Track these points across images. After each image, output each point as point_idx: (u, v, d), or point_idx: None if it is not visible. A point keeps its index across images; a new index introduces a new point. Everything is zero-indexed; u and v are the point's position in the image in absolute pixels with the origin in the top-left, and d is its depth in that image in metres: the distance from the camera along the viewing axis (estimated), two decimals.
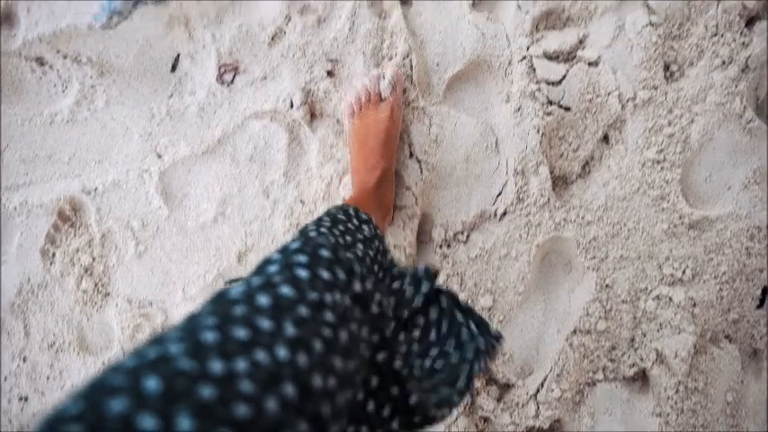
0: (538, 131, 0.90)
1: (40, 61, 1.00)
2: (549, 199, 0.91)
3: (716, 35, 0.89)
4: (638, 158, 0.91)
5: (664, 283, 0.91)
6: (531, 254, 0.91)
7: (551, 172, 0.92)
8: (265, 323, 0.37)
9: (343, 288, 0.46)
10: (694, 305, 0.91)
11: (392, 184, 0.91)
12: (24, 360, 0.98)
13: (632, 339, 0.92)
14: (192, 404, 0.30)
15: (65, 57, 0.98)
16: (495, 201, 0.92)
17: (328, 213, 0.64)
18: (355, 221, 0.65)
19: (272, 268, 0.45)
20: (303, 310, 0.40)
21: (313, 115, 0.96)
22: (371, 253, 0.59)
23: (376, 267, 0.58)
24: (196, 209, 0.97)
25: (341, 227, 0.61)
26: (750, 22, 0.91)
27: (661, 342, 0.91)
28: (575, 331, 0.91)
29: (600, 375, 0.92)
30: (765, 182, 0.90)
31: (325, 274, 0.46)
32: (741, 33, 0.89)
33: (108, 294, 0.98)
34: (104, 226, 0.98)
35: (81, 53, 0.98)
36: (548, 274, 0.95)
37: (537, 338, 0.93)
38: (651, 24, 0.89)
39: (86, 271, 0.98)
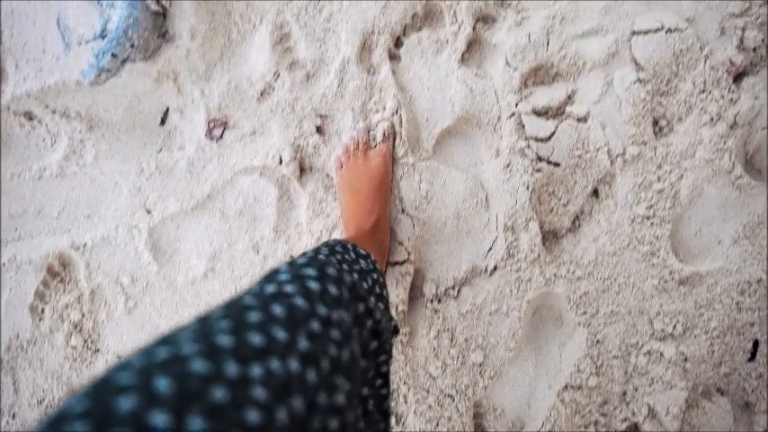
0: (527, 188, 0.90)
1: (29, 116, 1.00)
2: (539, 254, 0.91)
3: (704, 92, 0.90)
4: (627, 214, 0.91)
5: (655, 339, 0.91)
6: (522, 309, 0.91)
7: (541, 227, 0.92)
8: (280, 333, 0.38)
9: (347, 306, 0.48)
10: (685, 360, 0.91)
11: (388, 230, 0.91)
12: (14, 417, 0.97)
13: (624, 394, 0.92)
14: (204, 405, 0.29)
15: (53, 111, 0.98)
16: (486, 256, 0.92)
17: (326, 244, 0.64)
18: (352, 254, 0.64)
19: (283, 277, 0.46)
20: (315, 325, 0.41)
21: (302, 170, 0.95)
22: (366, 285, 0.58)
23: (373, 299, 0.58)
24: (186, 264, 0.97)
25: (338, 256, 0.60)
26: (738, 77, 0.91)
27: (653, 397, 0.91)
28: (566, 387, 0.90)
29: (592, 430, 0.92)
30: (755, 236, 0.90)
31: (333, 290, 0.47)
32: (729, 90, 0.89)
33: (98, 350, 0.98)
34: (94, 282, 0.97)
35: (70, 108, 0.98)
36: (539, 328, 0.95)
37: (528, 394, 0.93)
38: (639, 81, 0.89)
39: (76, 327, 0.97)
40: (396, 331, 0.65)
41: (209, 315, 0.38)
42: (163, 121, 0.99)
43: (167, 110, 0.99)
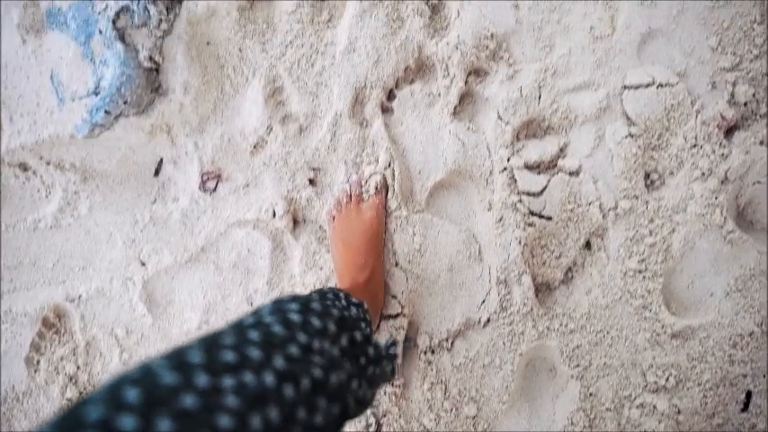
0: (519, 243, 0.90)
1: (24, 167, 1.00)
2: (532, 308, 0.91)
3: (695, 146, 0.90)
4: (619, 267, 0.91)
5: (648, 391, 0.91)
6: (515, 363, 0.91)
7: (534, 279, 0.93)
8: (255, 352, 0.39)
9: (332, 339, 0.49)
10: (678, 412, 0.91)
11: (382, 284, 0.91)
12: None
13: None
14: (173, 410, 0.31)
15: (48, 163, 0.99)
16: (479, 309, 0.93)
17: (318, 291, 0.65)
18: (344, 302, 0.64)
19: (264, 310, 0.47)
20: (293, 350, 0.42)
21: (296, 222, 0.96)
22: (359, 336, 0.59)
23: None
24: (180, 317, 0.97)
25: (329, 302, 0.60)
26: (729, 132, 0.91)
27: None
28: None
29: None
30: (747, 289, 0.91)
31: (316, 322, 0.48)
32: (720, 145, 0.89)
33: None
34: (89, 334, 0.98)
35: (64, 159, 0.98)
36: (532, 380, 0.95)
37: None
38: (631, 135, 0.90)
39: (71, 379, 0.97)
40: (392, 372, 0.65)
41: (184, 344, 0.39)
42: (157, 172, 0.99)
43: (161, 161, 0.99)
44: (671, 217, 0.91)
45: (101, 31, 0.90)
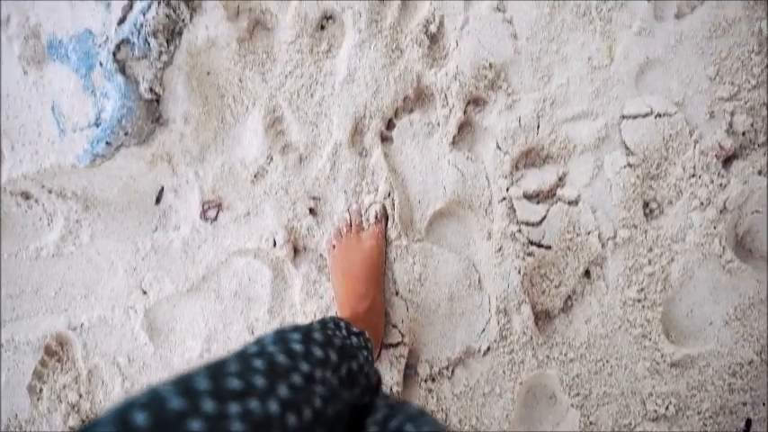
0: (519, 272, 0.90)
1: (26, 195, 1.01)
2: (531, 337, 0.91)
3: (694, 176, 0.90)
4: (619, 297, 0.91)
5: (647, 419, 0.92)
6: (515, 391, 0.92)
7: (533, 307, 0.93)
8: (259, 380, 0.39)
9: (334, 368, 0.50)
10: None
11: (382, 314, 0.92)
12: None
13: None
14: None
15: (50, 191, 0.99)
16: (479, 337, 0.93)
17: (319, 321, 0.65)
18: (344, 331, 0.65)
19: (267, 340, 0.48)
20: (297, 379, 0.43)
21: (296, 250, 0.96)
22: (355, 366, 0.59)
23: (362, 379, 0.60)
24: (182, 345, 0.98)
25: (330, 332, 0.61)
26: (727, 161, 0.91)
27: None
28: None
29: None
30: (746, 318, 0.91)
31: (318, 352, 0.49)
32: (718, 174, 0.90)
33: None
34: (91, 362, 0.98)
35: (66, 188, 0.99)
36: (532, 408, 0.95)
37: None
38: (629, 165, 0.90)
39: (73, 408, 0.98)
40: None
41: (190, 371, 0.40)
42: (158, 200, 1.00)
43: (162, 189, 1.00)
44: (670, 246, 0.91)
45: (101, 64, 0.90)
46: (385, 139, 0.96)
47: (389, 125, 0.96)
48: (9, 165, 0.98)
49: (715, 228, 0.89)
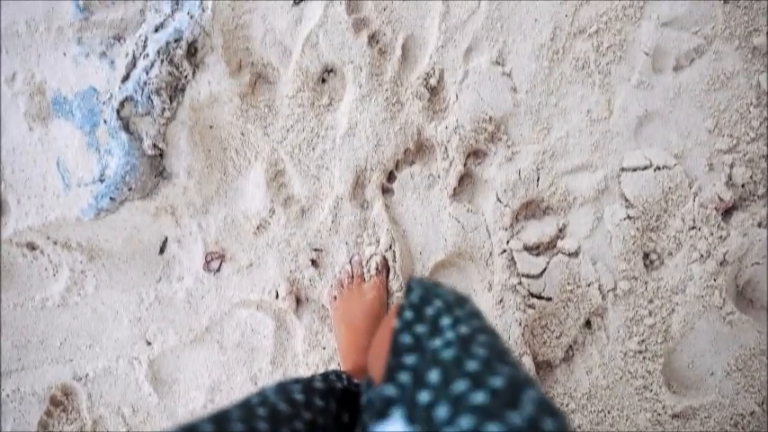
0: (520, 324, 0.91)
1: (31, 246, 1.02)
2: None
3: (693, 228, 0.91)
4: (620, 348, 0.92)
5: None
6: None
7: (534, 358, 0.93)
8: (262, 426, 0.41)
9: (335, 416, 0.51)
10: None
11: None
12: None
13: None
14: None
15: (55, 242, 1.00)
16: None
17: (321, 374, 0.66)
18: (346, 382, 0.65)
19: (269, 391, 0.49)
20: (299, 425, 0.44)
21: (299, 301, 0.97)
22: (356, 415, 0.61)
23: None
24: (185, 396, 0.98)
25: (330, 383, 0.62)
26: (727, 213, 0.92)
27: None
28: None
29: None
30: (747, 369, 0.91)
31: (319, 402, 0.50)
32: (718, 227, 0.90)
33: None
34: (96, 412, 0.99)
35: (71, 239, 1.00)
36: None
37: None
38: (629, 218, 0.91)
39: None
40: None
41: (194, 420, 0.41)
42: (162, 251, 1.01)
43: (166, 239, 1.01)
44: (670, 298, 0.91)
45: (105, 121, 0.91)
46: (386, 191, 0.97)
47: (390, 177, 0.97)
48: (15, 217, 0.99)
49: (715, 280, 0.90)
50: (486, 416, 0.30)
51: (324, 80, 0.97)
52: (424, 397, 0.34)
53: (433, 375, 0.35)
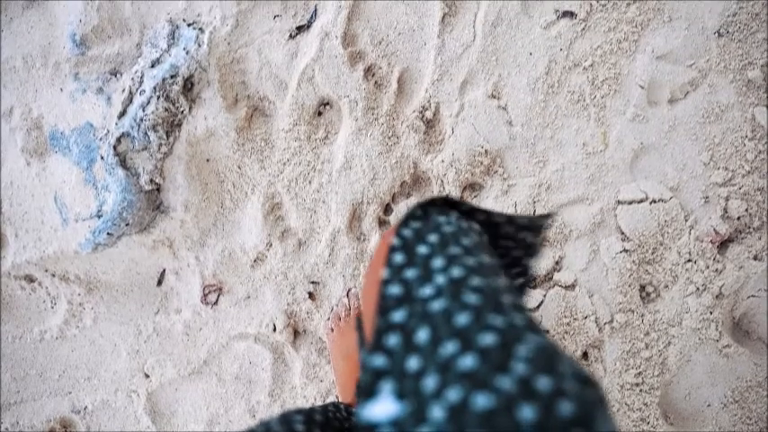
0: None
1: (30, 279, 1.02)
2: None
3: (689, 261, 0.91)
4: (617, 380, 0.92)
5: None
6: None
7: None
8: None
9: None
10: None
11: None
12: None
13: None
14: None
15: (53, 275, 1.00)
16: None
17: (321, 405, 0.67)
18: (344, 413, 0.66)
19: (272, 422, 0.50)
20: None
21: (296, 333, 0.97)
22: None
23: None
24: (184, 428, 0.99)
25: (329, 414, 0.62)
26: (723, 246, 0.92)
27: None
28: None
29: None
30: (744, 400, 0.91)
31: None
32: (714, 260, 0.90)
33: None
34: None
35: (69, 271, 1.00)
36: None
37: None
38: (625, 251, 0.91)
39: None
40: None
41: None
42: (160, 282, 1.01)
43: (164, 271, 1.01)
44: (666, 330, 0.91)
45: (102, 157, 0.92)
46: (383, 223, 0.97)
47: (387, 210, 0.97)
48: (13, 250, 0.99)
49: (711, 313, 0.90)
50: (474, 384, 0.26)
51: (320, 113, 0.97)
52: (412, 364, 0.29)
53: (422, 334, 0.30)
